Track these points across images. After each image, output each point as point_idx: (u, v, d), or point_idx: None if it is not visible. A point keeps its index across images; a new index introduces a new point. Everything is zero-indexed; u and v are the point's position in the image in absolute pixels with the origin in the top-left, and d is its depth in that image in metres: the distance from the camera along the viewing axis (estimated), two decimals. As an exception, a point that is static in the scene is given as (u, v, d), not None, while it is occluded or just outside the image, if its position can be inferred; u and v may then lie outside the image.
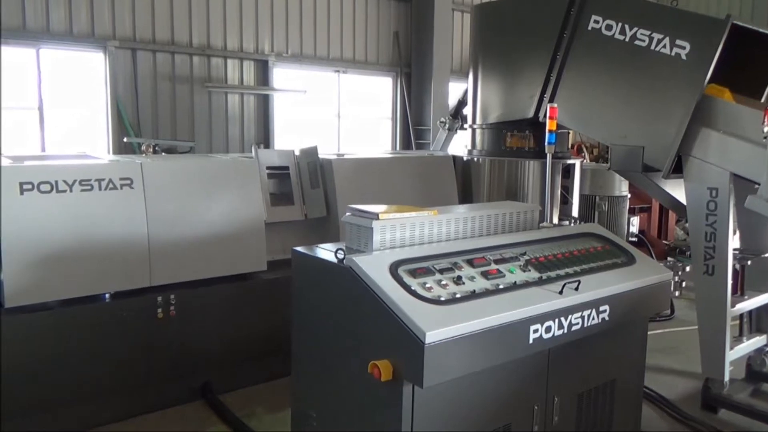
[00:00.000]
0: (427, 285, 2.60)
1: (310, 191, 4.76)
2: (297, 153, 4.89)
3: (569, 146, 7.19)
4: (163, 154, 7.33)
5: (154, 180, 3.96)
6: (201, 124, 9.08)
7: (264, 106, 9.69)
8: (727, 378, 4.10)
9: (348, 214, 3.01)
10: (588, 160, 8.43)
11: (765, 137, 3.59)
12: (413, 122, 11.08)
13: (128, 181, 3.86)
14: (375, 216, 2.88)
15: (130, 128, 8.40)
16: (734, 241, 4.49)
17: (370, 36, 10.84)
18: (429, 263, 2.76)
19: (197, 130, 9.02)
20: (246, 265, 4.34)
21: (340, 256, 2.68)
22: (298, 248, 3.00)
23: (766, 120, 3.56)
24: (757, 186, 3.73)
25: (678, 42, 4.17)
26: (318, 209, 4.72)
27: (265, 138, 9.66)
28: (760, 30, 4.37)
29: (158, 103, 8.69)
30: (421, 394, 2.40)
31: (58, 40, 7.92)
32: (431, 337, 2.28)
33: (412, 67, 11.19)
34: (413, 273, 2.65)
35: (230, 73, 9.29)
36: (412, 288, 2.53)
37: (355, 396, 2.65)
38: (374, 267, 2.57)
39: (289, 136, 9.94)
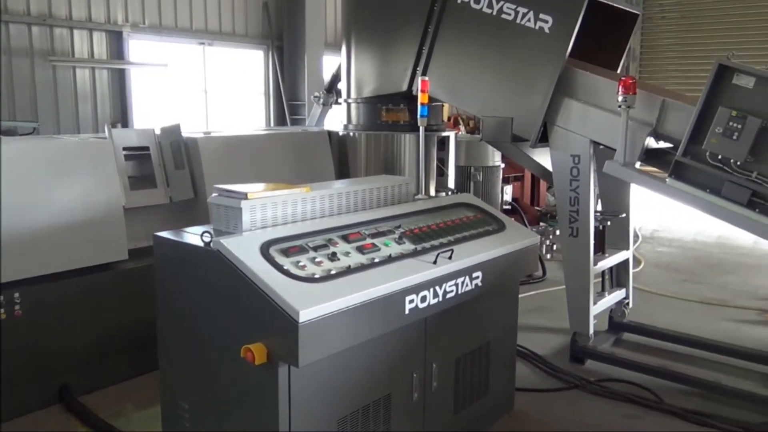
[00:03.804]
0: (301, 263, 2.62)
1: (175, 172, 4.59)
2: (158, 132, 4.68)
3: (444, 119, 7.47)
4: (1, 136, 6.67)
5: (-13, 166, 3.61)
6: (46, 102, 8.34)
7: (120, 82, 9.09)
8: (592, 331, 4.54)
9: (214, 194, 2.95)
10: (465, 132, 8.79)
11: (620, 106, 3.96)
12: (287, 97, 10.93)
13: (-45, 169, 3.48)
14: (243, 195, 2.85)
15: (-41, 109, 7.54)
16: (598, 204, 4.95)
17: (237, 6, 10.48)
18: (302, 241, 2.78)
19: (41, 109, 8.28)
20: (104, 254, 4.11)
21: (207, 239, 2.62)
22: (161, 233, 2.88)
23: (620, 90, 3.93)
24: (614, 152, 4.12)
25: (541, 16, 4.45)
26: (184, 192, 4.56)
27: (122, 117, 9.08)
28: (616, 5, 4.77)
29: (-8, 80, 7.86)
30: (298, 373, 2.43)
31: None
32: (305, 315, 2.31)
33: (284, 39, 10.99)
34: (286, 252, 2.66)
35: (78, 45, 8.60)
36: (285, 267, 2.54)
37: (228, 383, 2.62)
38: (244, 248, 2.55)
39: (151, 115, 9.42)
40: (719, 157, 3.68)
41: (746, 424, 3.65)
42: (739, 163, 3.62)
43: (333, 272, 2.63)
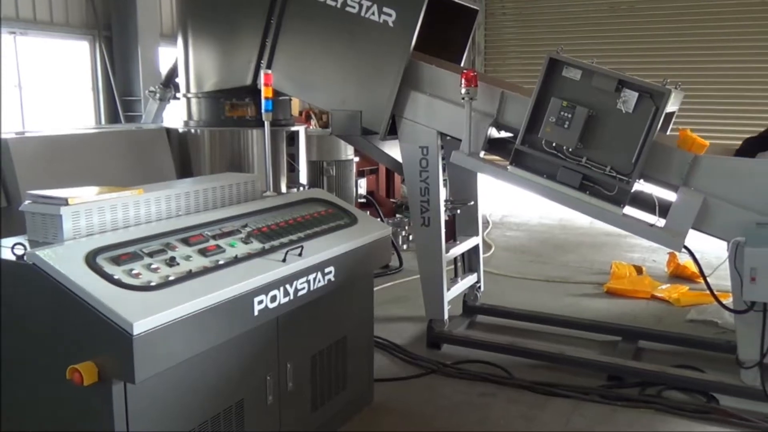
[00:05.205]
0: (134, 271, 2.48)
1: (-18, 179, 4.14)
2: (-42, 134, 4.20)
3: (296, 113, 7.44)
4: None
5: None
6: None
7: None
8: (446, 316, 4.78)
9: (27, 201, 2.71)
10: (317, 127, 8.81)
11: (463, 98, 4.18)
12: (120, 93, 10.26)
13: None
14: (63, 201, 2.66)
15: None
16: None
17: (54, -9, 9.66)
18: (136, 247, 2.65)
19: None
20: None
21: (20, 251, 2.39)
22: (-39, 249, 2.58)
23: (463, 83, 4.15)
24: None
25: (385, 9, 4.58)
26: (-6, 201, 4.14)
27: None
28: (456, 1, 5.03)
29: None
30: (136, 390, 2.30)
31: None
32: (140, 327, 2.20)
33: (112, 29, 10.30)
34: (116, 260, 2.51)
35: None
36: (116, 277, 2.40)
37: (56, 410, 2.42)
38: (65, 259, 2.37)
39: (-46, 115, 8.40)
40: (553, 144, 4.01)
41: (587, 388, 4.06)
42: (570, 149, 3.98)
43: (172, 278, 2.52)
